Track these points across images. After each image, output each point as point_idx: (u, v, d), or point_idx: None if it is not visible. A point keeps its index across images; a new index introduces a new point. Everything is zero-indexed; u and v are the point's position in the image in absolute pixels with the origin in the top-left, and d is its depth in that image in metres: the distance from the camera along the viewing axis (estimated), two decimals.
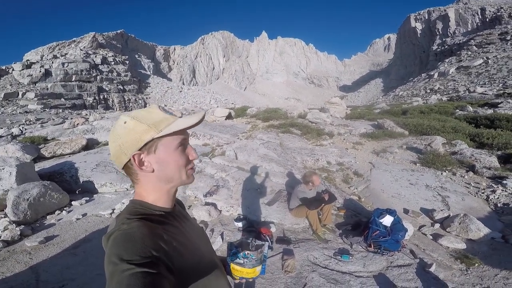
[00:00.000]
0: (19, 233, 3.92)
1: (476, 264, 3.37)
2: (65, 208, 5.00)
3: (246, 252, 1.09)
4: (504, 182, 5.62)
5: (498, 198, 5.18)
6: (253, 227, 3.86)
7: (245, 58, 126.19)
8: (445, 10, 73.17)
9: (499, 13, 60.16)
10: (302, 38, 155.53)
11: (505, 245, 3.81)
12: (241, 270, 1.05)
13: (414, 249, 3.61)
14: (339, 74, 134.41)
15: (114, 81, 55.30)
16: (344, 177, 6.59)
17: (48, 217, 4.69)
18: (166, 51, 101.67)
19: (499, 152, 7.38)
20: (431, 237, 4.11)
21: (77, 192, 5.74)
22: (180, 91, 68.63)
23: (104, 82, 53.19)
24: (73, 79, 47.59)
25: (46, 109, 34.17)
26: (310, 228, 3.99)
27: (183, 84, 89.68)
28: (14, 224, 4.16)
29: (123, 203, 4.96)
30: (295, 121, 12.40)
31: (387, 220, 3.59)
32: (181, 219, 0.88)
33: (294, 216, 4.20)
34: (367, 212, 4.59)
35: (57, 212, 4.86)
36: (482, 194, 5.44)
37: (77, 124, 13.33)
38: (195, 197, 5.11)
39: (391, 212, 3.71)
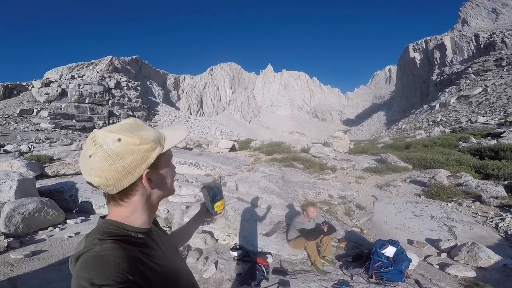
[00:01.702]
0: (6, 244, 3.87)
1: None
2: (58, 225, 4.98)
3: (218, 187, 1.28)
4: None
5: (507, 225, 5.04)
6: (249, 257, 3.72)
7: (251, 91, 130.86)
8: (441, 39, 75.05)
9: (492, 39, 61.54)
10: (306, 71, 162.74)
11: None
12: (221, 203, 1.26)
13: (420, 279, 3.42)
14: (342, 108, 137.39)
15: (124, 106, 56.70)
16: (346, 210, 6.51)
17: (40, 232, 4.65)
18: (176, 80, 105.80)
19: (505, 182, 7.24)
20: (437, 266, 3.93)
21: (73, 211, 5.78)
22: (187, 121, 70.39)
23: (115, 107, 54.52)
24: (86, 101, 48.85)
25: (57, 129, 35.10)
26: (308, 259, 3.84)
27: (191, 113, 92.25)
28: (3, 236, 4.13)
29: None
30: (298, 155, 12.53)
31: (390, 251, 3.44)
32: (158, 239, 0.82)
33: (292, 247, 4.08)
34: (369, 244, 4.42)
35: (50, 228, 4.84)
36: (491, 223, 5.30)
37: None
38: None
39: (393, 242, 3.57)
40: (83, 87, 50.40)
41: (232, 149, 16.44)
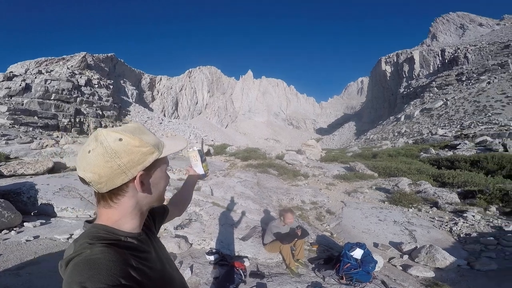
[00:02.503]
0: None
1: None
2: (14, 229, 4.64)
3: (201, 149, 1.39)
4: (465, 215, 6.11)
5: (460, 229, 5.59)
6: (226, 261, 3.74)
7: (229, 95, 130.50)
8: (411, 53, 79.75)
9: (456, 54, 65.99)
10: (284, 79, 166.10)
11: (471, 271, 4.05)
12: (206, 164, 1.38)
13: (385, 280, 3.68)
14: (316, 117, 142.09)
15: (94, 105, 53.17)
16: (317, 215, 6.79)
17: None
18: (152, 80, 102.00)
19: (458, 190, 8.01)
20: (400, 267, 4.25)
21: (32, 214, 5.38)
22: (160, 123, 68.13)
23: (84, 105, 50.91)
24: (52, 98, 45.16)
25: (16, 126, 32.07)
26: (283, 262, 3.96)
27: (165, 115, 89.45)
28: None
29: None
30: (273, 161, 12.82)
31: (357, 253, 3.67)
32: (150, 244, 0.82)
33: (268, 251, 4.17)
34: (339, 247, 4.66)
35: (4, 231, 4.49)
36: (446, 227, 5.83)
37: (46, 145, 12.67)
38: (165, 228, 4.91)
39: (361, 245, 3.81)
40: (50, 82, 46.69)
41: (207, 153, 16.29)
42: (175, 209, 1.24)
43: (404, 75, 78.91)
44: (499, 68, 51.75)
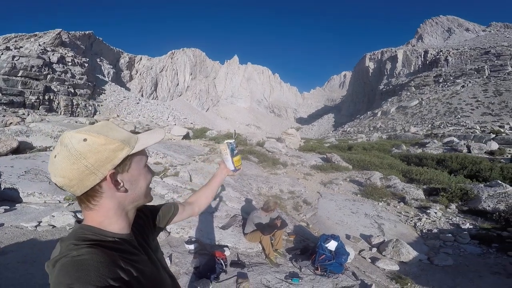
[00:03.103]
0: None
1: (409, 284, 3.84)
2: None
3: (234, 143, 1.30)
4: (428, 211, 6.62)
5: (423, 225, 6.06)
6: (206, 250, 3.79)
7: (212, 79, 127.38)
8: (395, 51, 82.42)
9: (438, 56, 68.85)
10: (270, 67, 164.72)
11: (430, 266, 4.43)
12: (239, 158, 1.30)
13: (355, 271, 3.95)
14: (297, 106, 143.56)
15: (65, 83, 50.69)
16: (295, 205, 6.99)
17: None
18: (131, 60, 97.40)
19: (424, 186, 8.62)
20: (369, 260, 4.57)
21: None
22: (137, 103, 65.34)
23: (54, 82, 48.32)
24: (19, 74, 42.46)
25: None
26: (263, 252, 4.10)
27: (142, 96, 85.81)
28: None
29: (53, 216, 4.41)
30: (253, 148, 12.83)
31: (332, 245, 3.89)
32: (140, 244, 0.80)
33: (248, 241, 4.27)
34: (315, 238, 4.89)
35: None
36: (411, 222, 6.29)
37: (10, 123, 11.76)
38: None
39: (335, 237, 4.04)
40: (18, 59, 43.77)
41: (186, 137, 15.99)
42: (191, 207, 1.19)
43: (386, 73, 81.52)
44: (475, 73, 55.00)
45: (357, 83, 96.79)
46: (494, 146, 16.07)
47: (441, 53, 69.95)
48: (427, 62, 71.77)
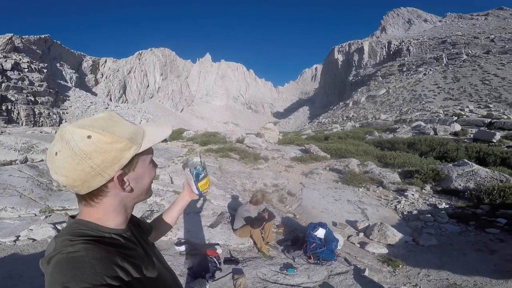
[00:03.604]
0: None
1: (400, 266, 3.99)
2: None
3: (201, 164, 1.15)
4: (406, 193, 6.93)
5: (403, 207, 6.32)
6: (197, 250, 3.72)
7: (184, 79, 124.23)
8: (361, 43, 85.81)
9: (400, 46, 72.68)
10: (244, 63, 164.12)
11: (416, 247, 4.63)
12: (206, 181, 1.15)
13: (347, 257, 4.07)
14: (273, 101, 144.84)
15: (24, 91, 47.19)
16: (280, 197, 7.06)
17: None
18: (95, 63, 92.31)
19: (399, 170, 9.06)
20: (358, 245, 4.71)
21: None
22: (106, 108, 62.17)
23: (11, 91, 44.79)
24: None
25: None
26: (255, 246, 4.10)
27: (111, 100, 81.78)
28: None
29: (31, 229, 4.13)
30: (233, 145, 12.75)
31: (320, 233, 3.99)
32: (137, 240, 0.78)
33: (239, 236, 4.26)
34: (303, 228, 4.98)
35: None
36: (391, 205, 6.54)
37: None
38: None
39: (322, 225, 4.14)
40: None
41: (163, 140, 15.48)
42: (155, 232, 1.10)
43: (354, 64, 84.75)
44: (435, 61, 58.76)
45: (328, 75, 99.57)
46: (457, 127, 17.32)
47: (403, 43, 73.99)
48: (391, 52, 75.47)
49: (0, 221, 4.58)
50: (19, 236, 3.98)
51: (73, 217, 0.73)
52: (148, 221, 1.10)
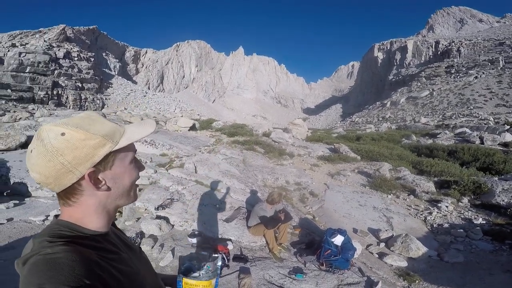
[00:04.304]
0: None
1: (417, 281, 3.70)
2: None
3: (202, 264, 0.99)
4: (439, 205, 6.36)
5: (434, 219, 5.82)
6: (209, 244, 3.74)
7: (218, 71, 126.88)
8: (405, 42, 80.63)
9: (450, 47, 67.16)
10: (276, 58, 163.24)
11: (440, 262, 4.26)
12: (196, 284, 0.95)
13: (362, 267, 3.83)
14: (304, 97, 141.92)
15: (73, 77, 51.81)
16: (301, 197, 6.84)
17: None
18: (136, 53, 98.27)
19: (435, 179, 8.34)
20: (377, 255, 4.42)
21: (4, 194, 5.06)
22: (144, 96, 65.78)
23: (62, 77, 49.35)
24: (27, 71, 43.38)
25: None
26: (267, 246, 4.00)
27: (149, 89, 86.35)
28: None
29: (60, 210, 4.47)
30: (259, 139, 12.66)
31: (338, 240, 3.77)
32: (118, 243, 0.76)
33: (252, 234, 4.19)
34: (320, 231, 4.77)
35: None
36: (421, 216, 6.05)
37: (19, 118, 11.94)
38: (146, 209, 4.81)
39: (341, 232, 3.91)
40: (25, 55, 44.46)
41: (192, 128, 15.96)
42: None
43: (395, 63, 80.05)
44: (489, 64, 53.04)
45: (365, 74, 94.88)
46: (509, 137, 15.44)
47: (453, 43, 67.89)
48: (438, 52, 70.03)
49: (35, 200, 5.04)
50: (49, 215, 4.33)
51: (57, 216, 0.71)
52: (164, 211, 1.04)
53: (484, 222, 5.66)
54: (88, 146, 0.63)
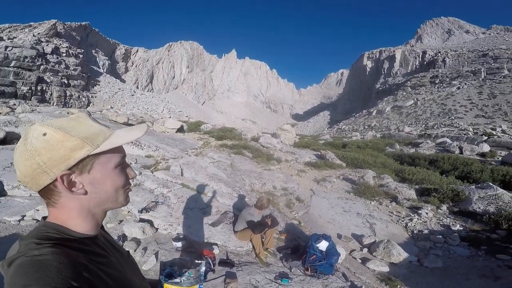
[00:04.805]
0: None
1: (398, 286, 3.81)
2: None
3: (183, 270, 0.98)
4: (420, 212, 6.60)
5: (414, 225, 6.03)
6: (194, 248, 3.70)
7: (209, 73, 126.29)
8: (393, 51, 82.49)
9: (436, 57, 68.91)
10: (268, 62, 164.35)
11: (420, 268, 4.42)
12: None
13: (346, 272, 3.90)
14: (293, 102, 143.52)
15: (59, 74, 50.16)
16: (287, 202, 6.91)
17: None
18: (127, 51, 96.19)
19: (417, 186, 8.64)
20: (360, 261, 4.52)
21: None
22: (132, 95, 64.52)
23: (48, 73, 47.73)
24: (11, 65, 41.94)
25: None
26: (253, 251, 4.01)
27: (138, 88, 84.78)
28: None
29: (37, 210, 4.28)
30: (248, 143, 12.68)
31: (323, 245, 3.83)
32: (107, 247, 0.75)
33: (238, 239, 4.18)
34: (306, 237, 4.83)
35: None
36: (402, 222, 6.26)
37: None
38: (129, 211, 4.69)
39: (326, 237, 3.98)
40: (11, 49, 43.10)
41: (180, 130, 15.79)
42: None
43: (383, 72, 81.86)
44: (471, 75, 55.35)
45: (354, 81, 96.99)
46: (486, 148, 16.24)
47: (439, 54, 70.17)
48: (425, 62, 71.96)
49: (11, 199, 4.81)
50: (25, 216, 4.13)
51: (45, 218, 0.70)
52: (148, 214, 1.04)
53: (462, 228, 5.92)
54: (65, 148, 0.62)
